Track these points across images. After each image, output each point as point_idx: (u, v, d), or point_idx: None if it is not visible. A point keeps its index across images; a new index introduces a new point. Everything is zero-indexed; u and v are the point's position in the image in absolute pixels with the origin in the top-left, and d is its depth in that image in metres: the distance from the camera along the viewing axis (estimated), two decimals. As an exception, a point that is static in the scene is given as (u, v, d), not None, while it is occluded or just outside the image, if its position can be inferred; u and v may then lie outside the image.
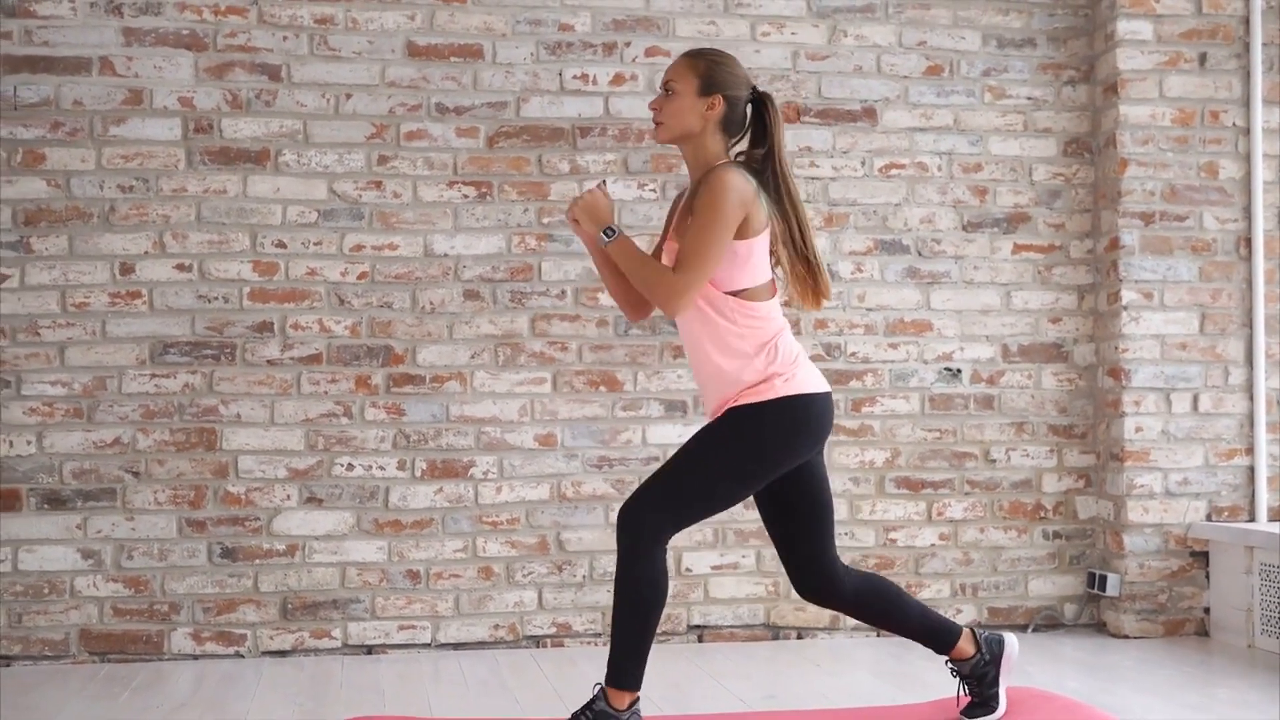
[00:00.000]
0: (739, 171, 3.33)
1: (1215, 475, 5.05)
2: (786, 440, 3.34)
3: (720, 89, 3.39)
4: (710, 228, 3.27)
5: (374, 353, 4.89)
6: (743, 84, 3.43)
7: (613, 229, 3.38)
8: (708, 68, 3.40)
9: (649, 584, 3.29)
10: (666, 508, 3.32)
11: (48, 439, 4.73)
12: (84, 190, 4.77)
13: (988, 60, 5.19)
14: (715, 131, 3.41)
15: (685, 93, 3.40)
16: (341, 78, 4.89)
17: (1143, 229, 5.05)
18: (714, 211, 3.27)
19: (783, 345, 3.37)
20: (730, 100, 3.40)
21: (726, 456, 3.33)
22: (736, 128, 3.44)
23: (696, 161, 3.43)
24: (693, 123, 3.40)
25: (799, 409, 3.34)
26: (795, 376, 3.35)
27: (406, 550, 4.88)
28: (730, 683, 4.31)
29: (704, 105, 3.39)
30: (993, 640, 3.60)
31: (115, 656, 4.72)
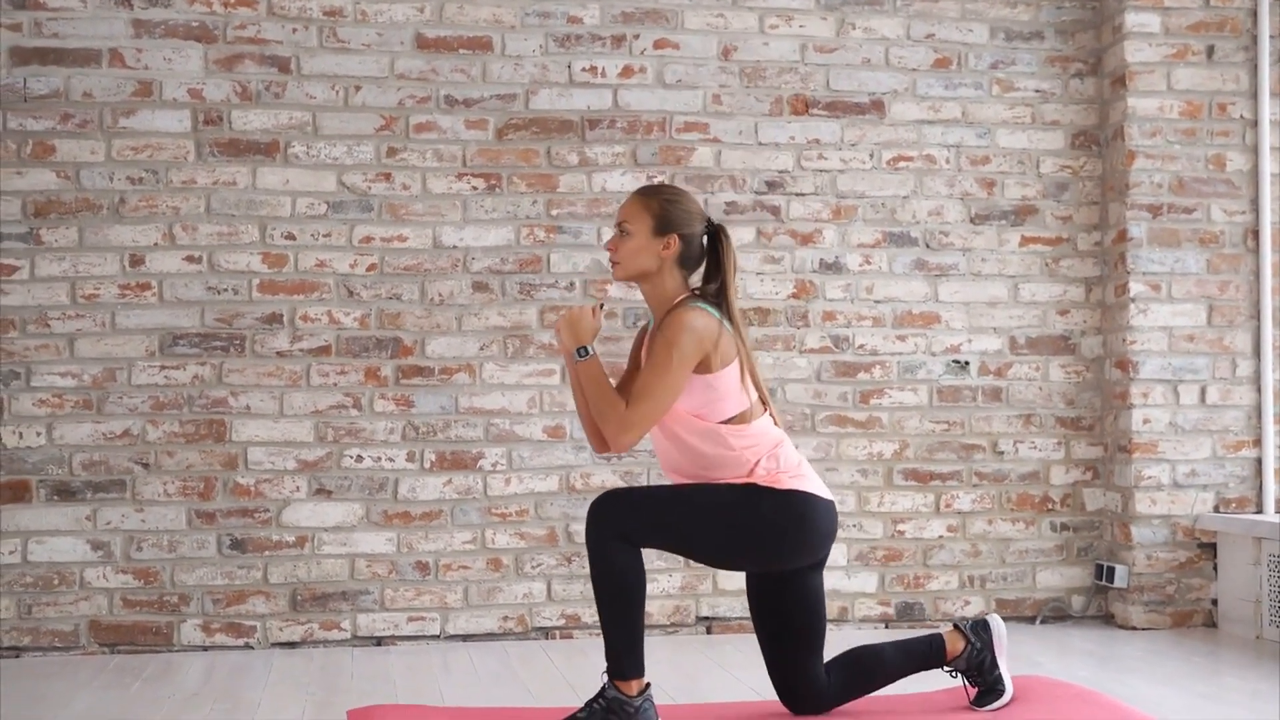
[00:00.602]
0: (701, 311, 3.35)
1: (1223, 467, 5.06)
2: (790, 529, 3.34)
3: (675, 228, 3.41)
4: (664, 367, 3.30)
5: (383, 344, 4.89)
6: (697, 219, 3.44)
7: (587, 349, 3.39)
8: (661, 207, 3.41)
9: (629, 569, 3.29)
10: (642, 523, 3.31)
11: (57, 430, 4.73)
12: (94, 182, 4.77)
13: (995, 53, 5.20)
14: (672, 269, 3.43)
15: (639, 233, 3.42)
16: (351, 70, 4.90)
17: (1150, 221, 5.06)
18: (669, 351, 3.30)
19: (784, 455, 3.40)
20: (685, 238, 3.42)
21: (729, 516, 3.33)
22: (694, 263, 3.47)
23: (655, 298, 3.46)
24: (648, 262, 3.42)
25: (807, 506, 3.36)
26: (803, 477, 3.38)
27: (416, 542, 4.89)
28: (741, 673, 4.32)
29: (659, 245, 3.41)
30: (978, 626, 3.61)
31: (125, 648, 4.72)
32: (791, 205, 5.09)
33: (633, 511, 3.32)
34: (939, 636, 3.59)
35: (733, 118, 5.07)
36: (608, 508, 3.32)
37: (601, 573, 3.30)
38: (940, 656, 3.58)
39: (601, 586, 3.31)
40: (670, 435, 3.41)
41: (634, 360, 3.58)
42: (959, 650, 3.59)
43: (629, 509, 3.32)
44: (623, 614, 3.31)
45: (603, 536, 3.29)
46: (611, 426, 3.34)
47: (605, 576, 3.30)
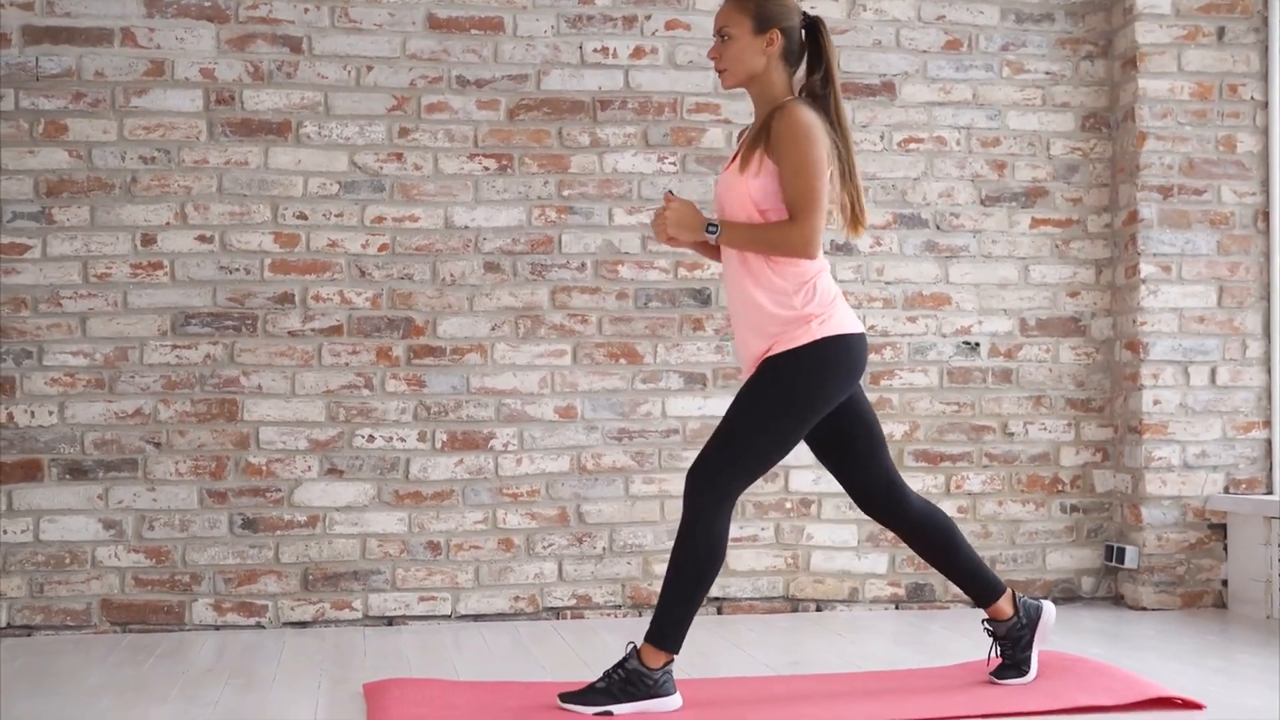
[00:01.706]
0: (810, 108, 3.37)
1: (1233, 448, 5.07)
2: (825, 381, 3.39)
3: (775, 22, 3.42)
4: (808, 168, 3.32)
5: (395, 324, 4.90)
6: (794, 12, 3.46)
7: (714, 224, 3.41)
8: (757, 5, 3.43)
9: (708, 547, 3.35)
10: (731, 465, 3.38)
11: (69, 409, 4.73)
12: (105, 161, 4.77)
13: (1006, 35, 5.21)
14: (778, 66, 3.44)
15: (741, 35, 3.42)
16: (363, 50, 4.90)
17: (1161, 203, 5.06)
18: (806, 152, 3.31)
19: (821, 285, 3.41)
20: (786, 32, 3.43)
21: (772, 405, 3.38)
22: (796, 58, 3.48)
23: (764, 99, 3.47)
24: (755, 63, 3.43)
25: (836, 349, 3.39)
26: (831, 318, 3.40)
27: (427, 522, 4.89)
28: (754, 651, 4.32)
29: (763, 43, 3.42)
30: (1031, 606, 3.64)
31: (136, 627, 4.73)
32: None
33: (722, 468, 3.38)
34: (1004, 587, 3.63)
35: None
36: (702, 474, 3.37)
37: (691, 544, 3.35)
38: (989, 601, 3.62)
39: (684, 556, 3.35)
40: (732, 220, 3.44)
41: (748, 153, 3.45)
42: (1005, 615, 3.62)
43: (719, 467, 3.38)
44: (692, 588, 3.38)
45: (701, 504, 3.36)
46: (796, 249, 3.35)
47: (693, 548, 3.35)
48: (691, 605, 3.37)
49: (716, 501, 3.37)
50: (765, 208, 3.39)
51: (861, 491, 3.60)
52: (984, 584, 3.62)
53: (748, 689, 3.66)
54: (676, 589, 3.37)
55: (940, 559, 3.64)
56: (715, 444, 3.42)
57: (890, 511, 3.61)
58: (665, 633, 3.36)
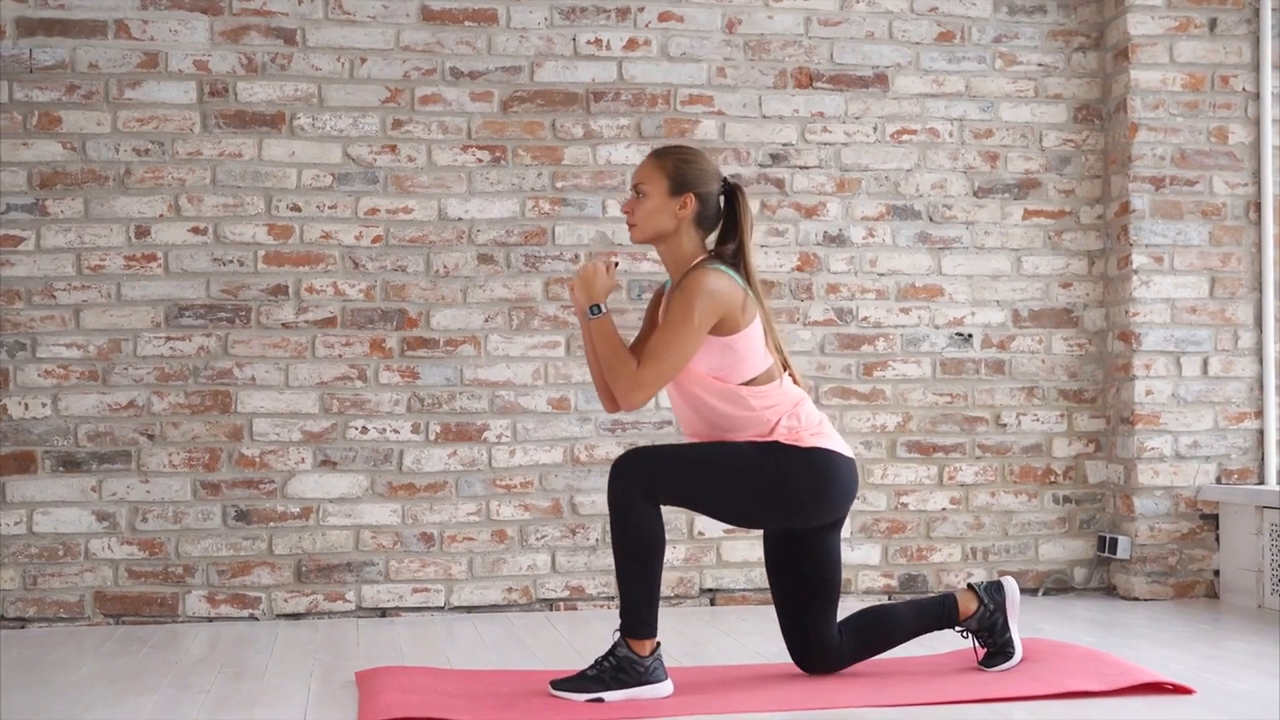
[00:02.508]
0: (719, 272, 3.36)
1: (1225, 438, 5.08)
2: (811, 487, 3.37)
3: (691, 187, 3.42)
4: (679, 328, 3.31)
5: (388, 316, 4.90)
6: (713, 178, 3.45)
7: (600, 307, 3.39)
8: (676, 167, 3.42)
9: (648, 529, 3.32)
10: (670, 482, 3.34)
11: (63, 401, 4.73)
12: (99, 153, 4.78)
13: (999, 26, 5.22)
14: (690, 229, 3.44)
15: (656, 194, 3.42)
16: (356, 42, 4.91)
17: (1153, 194, 5.07)
18: (686, 312, 3.31)
19: (804, 413, 3.42)
20: (701, 197, 3.43)
21: (751, 473, 3.35)
22: (711, 223, 3.47)
23: (673, 260, 3.47)
24: (665, 223, 3.43)
25: (829, 463, 3.38)
26: (824, 435, 3.40)
27: (420, 513, 4.90)
28: (746, 639, 4.33)
29: (676, 205, 3.42)
30: (991, 588, 3.64)
31: (130, 619, 4.73)
32: (795, 178, 5.11)
33: (657, 468, 3.35)
34: (952, 596, 3.62)
35: (737, 91, 5.08)
36: (633, 464, 3.34)
37: (623, 529, 3.33)
38: (953, 617, 3.61)
39: (622, 544, 3.33)
40: (689, 397, 3.43)
41: (649, 321, 3.59)
42: (972, 611, 3.61)
43: (654, 466, 3.35)
44: (641, 572, 3.34)
45: (627, 493, 3.32)
46: (622, 384, 3.36)
47: (626, 533, 3.32)
48: (654, 588, 3.35)
49: (647, 498, 3.33)
50: (712, 373, 3.37)
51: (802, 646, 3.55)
52: (940, 613, 3.61)
53: (739, 675, 3.67)
54: (631, 577, 3.35)
55: (893, 640, 3.61)
56: (670, 454, 3.39)
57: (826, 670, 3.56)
58: (639, 623, 3.35)
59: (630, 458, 3.35)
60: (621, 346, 3.39)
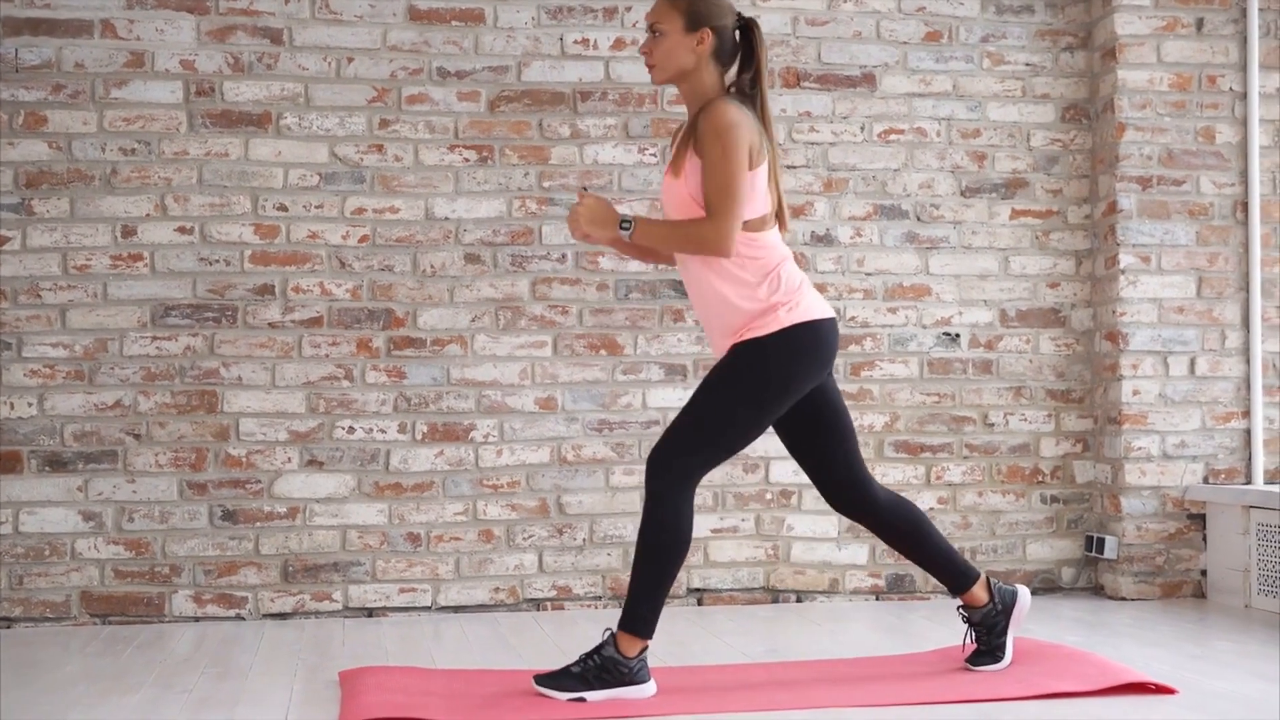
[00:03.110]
0: (737, 105, 3.37)
1: (1212, 438, 5.08)
2: (794, 368, 3.38)
3: (707, 21, 3.42)
4: (726, 164, 3.30)
5: (375, 316, 4.90)
6: (727, 12, 3.46)
7: (627, 220, 3.40)
8: (690, 3, 3.42)
9: (672, 530, 3.34)
10: (693, 450, 3.37)
11: (49, 401, 4.73)
12: (85, 153, 4.77)
13: (986, 26, 5.22)
14: (709, 65, 3.44)
15: (672, 31, 3.42)
16: (343, 41, 4.90)
17: (1140, 194, 5.07)
18: (725, 149, 3.30)
19: (785, 274, 3.41)
20: (718, 31, 3.43)
21: (740, 392, 3.37)
22: (729, 57, 3.47)
23: (694, 97, 3.46)
24: (685, 60, 3.43)
25: (804, 336, 3.39)
26: (799, 305, 3.39)
27: (407, 513, 4.89)
28: (732, 639, 4.33)
29: (693, 41, 3.42)
30: (1006, 592, 3.64)
31: (116, 618, 4.73)
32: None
33: (681, 448, 3.37)
34: (978, 574, 3.63)
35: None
36: (663, 457, 3.36)
37: (655, 526, 3.35)
38: (964, 589, 3.62)
39: (649, 540, 3.35)
40: None
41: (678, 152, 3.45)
42: (980, 601, 3.63)
43: (677, 448, 3.37)
44: (659, 572, 3.37)
45: (661, 489, 3.35)
46: (711, 245, 3.35)
47: (649, 529, 3.35)
48: (662, 590, 3.37)
49: (678, 485, 3.35)
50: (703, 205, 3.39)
51: (827, 482, 3.59)
52: (957, 571, 3.62)
53: (723, 676, 3.67)
54: (646, 575, 3.36)
55: (911, 549, 3.64)
56: (678, 428, 3.42)
57: (856, 504, 3.59)
58: (638, 619, 3.36)
59: (657, 452, 3.39)
60: (674, 223, 3.39)
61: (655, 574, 3.36)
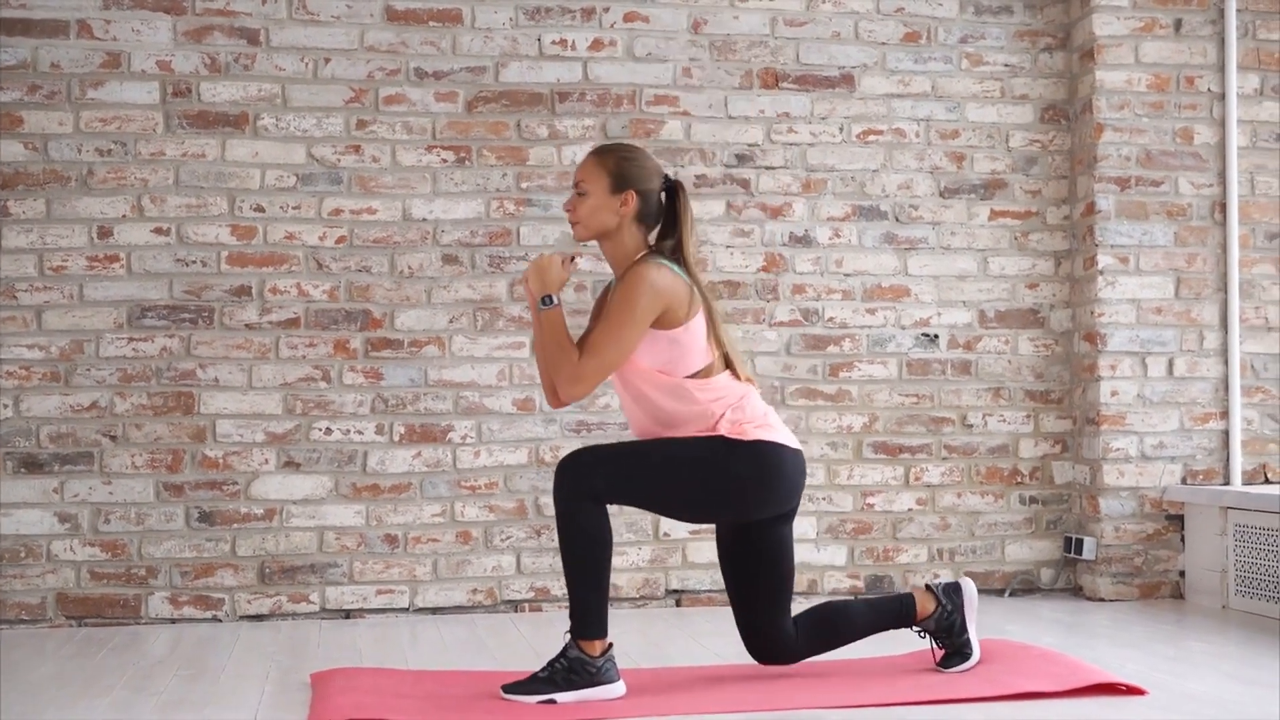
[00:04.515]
0: (660, 265, 3.36)
1: (1190, 439, 5.08)
2: (757, 481, 3.37)
3: (632, 184, 3.42)
4: (621, 320, 3.32)
5: (352, 317, 4.89)
6: (654, 175, 3.47)
7: (552, 298, 3.39)
8: (617, 164, 3.43)
9: (594, 530, 3.32)
10: (611, 481, 3.33)
11: (25, 402, 4.72)
12: (62, 153, 4.76)
13: (965, 27, 5.22)
14: (631, 226, 3.45)
15: (597, 192, 3.43)
16: (320, 42, 4.89)
17: (1118, 194, 5.07)
18: (627, 305, 3.32)
19: (749, 406, 3.41)
20: (643, 194, 3.44)
21: (696, 469, 3.35)
22: (653, 219, 3.49)
23: (616, 257, 3.47)
24: (608, 220, 3.44)
25: (774, 455, 3.37)
26: (770, 427, 3.40)
27: (384, 514, 4.88)
28: (708, 640, 4.32)
29: (617, 202, 3.43)
30: (949, 588, 3.64)
31: (92, 620, 4.71)
32: (761, 178, 5.10)
33: (601, 468, 3.34)
34: (910, 596, 3.61)
35: (703, 91, 5.07)
36: (575, 466, 3.33)
37: (568, 532, 3.32)
38: (910, 616, 3.60)
39: (568, 546, 3.33)
40: (635, 392, 3.42)
41: (595, 318, 3.59)
42: (929, 611, 3.61)
43: (597, 466, 3.34)
44: (588, 574, 3.33)
45: (571, 495, 3.31)
46: (563, 376, 3.37)
47: (572, 536, 3.32)
48: (600, 588, 3.34)
49: (594, 500, 3.32)
50: (657, 367, 3.37)
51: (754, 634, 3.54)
52: (896, 612, 3.61)
53: (695, 677, 3.66)
54: (579, 578, 3.34)
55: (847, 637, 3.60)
56: (616, 457, 3.37)
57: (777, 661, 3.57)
58: (589, 623, 3.35)
59: (574, 458, 3.35)
60: (567, 339, 3.40)
61: (590, 576, 3.34)
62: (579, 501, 3.30)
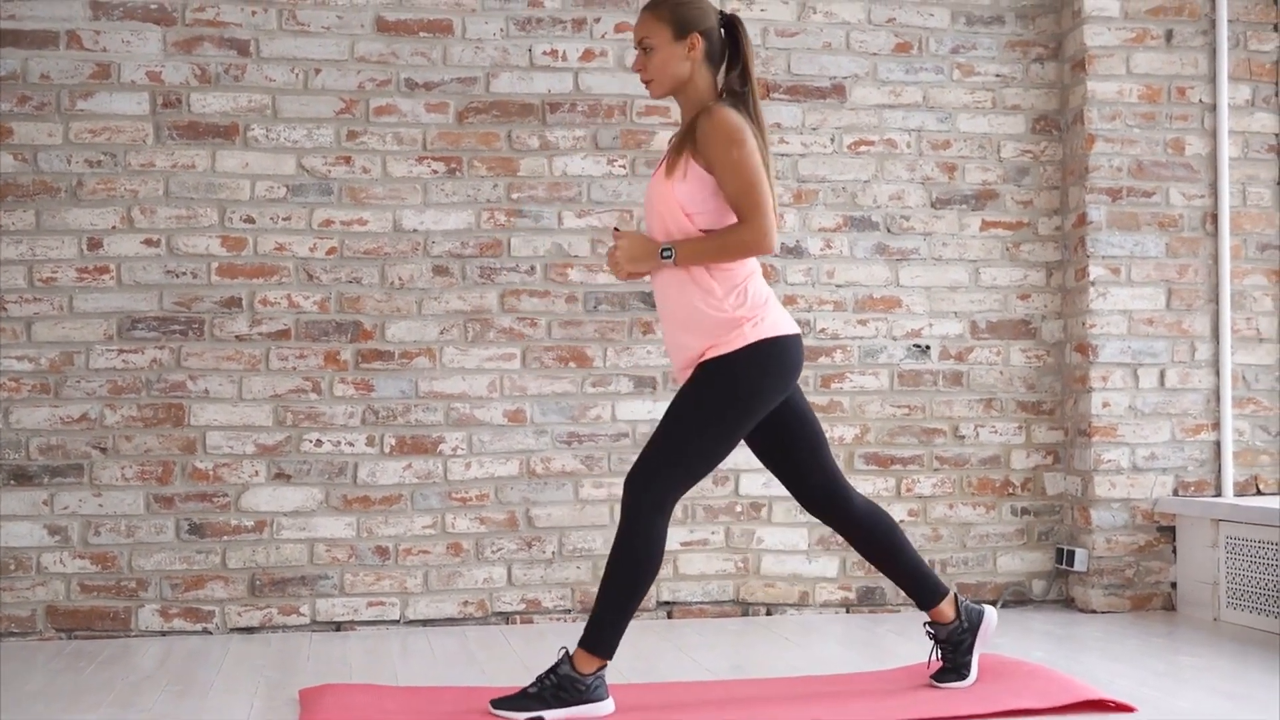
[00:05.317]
0: (734, 109, 3.39)
1: (1182, 450, 5.07)
2: (761, 384, 3.39)
3: (694, 26, 3.45)
4: (745, 165, 3.32)
5: (343, 328, 4.88)
6: (710, 13, 3.50)
7: (668, 248, 3.40)
8: (673, 11, 3.45)
9: (644, 552, 3.34)
10: (667, 472, 3.38)
11: (14, 415, 4.70)
12: (51, 165, 4.75)
13: (956, 37, 5.21)
14: (703, 69, 3.47)
15: (663, 44, 3.44)
16: (310, 53, 4.88)
17: (1110, 205, 5.07)
18: (740, 150, 3.32)
19: (752, 288, 3.41)
20: (706, 34, 3.46)
21: (709, 410, 3.38)
22: (719, 58, 3.52)
23: (691, 104, 3.51)
24: (680, 70, 3.46)
25: (769, 353, 3.39)
26: (763, 320, 3.39)
27: (375, 526, 4.87)
28: (698, 654, 4.31)
29: (684, 49, 3.44)
30: (973, 610, 3.64)
31: (82, 633, 4.70)
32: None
33: (657, 475, 3.37)
34: (947, 591, 3.64)
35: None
36: (641, 476, 3.36)
37: (628, 545, 3.34)
38: (932, 602, 3.63)
39: (621, 559, 3.35)
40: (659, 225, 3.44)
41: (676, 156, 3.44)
42: (947, 618, 3.63)
43: (654, 474, 3.37)
44: (628, 592, 3.38)
45: (636, 510, 3.34)
46: (752, 245, 3.35)
47: (621, 550, 3.35)
48: (628, 611, 3.36)
49: (655, 506, 3.36)
50: (691, 211, 3.39)
51: (803, 490, 3.61)
52: (927, 587, 3.63)
53: (684, 694, 3.65)
54: (613, 595, 3.35)
55: (883, 560, 3.66)
56: (653, 448, 3.42)
57: (832, 510, 3.62)
58: (601, 639, 3.35)
59: (635, 473, 3.38)
60: (712, 237, 3.37)
61: (623, 595, 3.35)
62: (644, 513, 3.34)
